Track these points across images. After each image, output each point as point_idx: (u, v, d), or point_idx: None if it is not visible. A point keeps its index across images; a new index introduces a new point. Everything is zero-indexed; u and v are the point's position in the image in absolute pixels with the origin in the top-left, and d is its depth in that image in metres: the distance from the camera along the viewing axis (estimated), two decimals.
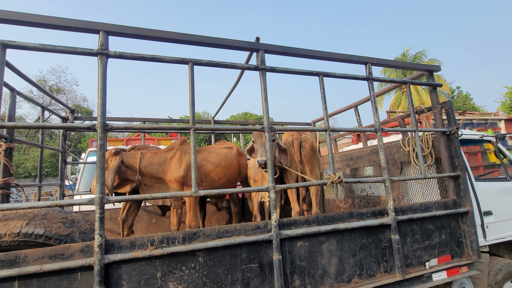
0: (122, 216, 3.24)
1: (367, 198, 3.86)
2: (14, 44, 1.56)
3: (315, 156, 3.06)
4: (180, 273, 1.68)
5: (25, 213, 1.63)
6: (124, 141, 7.95)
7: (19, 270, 1.39)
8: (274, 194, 1.92)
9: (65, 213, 1.79)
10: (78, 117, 4.01)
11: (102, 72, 1.66)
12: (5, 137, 2.28)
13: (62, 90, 27.74)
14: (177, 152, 3.04)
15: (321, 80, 2.28)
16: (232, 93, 3.49)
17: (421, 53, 21.23)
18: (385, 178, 2.29)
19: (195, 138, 1.86)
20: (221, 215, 4.41)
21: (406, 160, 3.15)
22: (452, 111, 2.73)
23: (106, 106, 1.67)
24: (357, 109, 4.03)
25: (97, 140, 1.61)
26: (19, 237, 1.53)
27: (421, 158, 2.55)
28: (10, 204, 1.46)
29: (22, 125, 1.58)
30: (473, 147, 4.17)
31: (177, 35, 1.93)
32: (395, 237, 2.19)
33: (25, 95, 2.79)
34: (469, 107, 27.02)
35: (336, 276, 2.04)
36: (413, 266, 2.30)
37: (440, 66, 2.88)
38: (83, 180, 5.36)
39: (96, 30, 1.71)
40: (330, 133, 2.27)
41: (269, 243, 1.88)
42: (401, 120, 3.35)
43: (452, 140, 2.70)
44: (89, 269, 1.51)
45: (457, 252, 2.51)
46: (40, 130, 3.62)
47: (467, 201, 2.58)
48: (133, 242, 1.62)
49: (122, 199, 1.66)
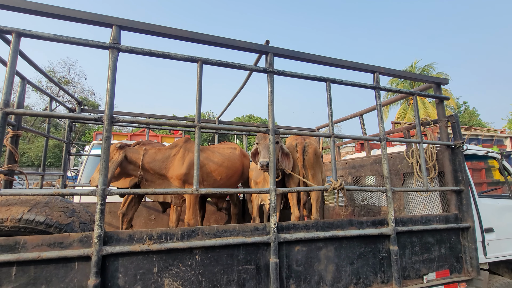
0: (122, 210, 3.25)
1: (368, 207, 3.83)
2: (29, 33, 1.58)
3: (318, 162, 3.05)
4: (176, 269, 1.68)
5: (28, 200, 1.65)
6: (128, 136, 8.00)
7: (18, 256, 1.40)
8: (275, 197, 1.92)
9: (66, 203, 1.80)
10: (85, 109, 4.04)
11: (112, 66, 1.68)
12: (12, 124, 2.31)
13: (70, 82, 28.05)
14: (180, 150, 3.05)
15: (328, 86, 2.29)
16: (237, 95, 3.51)
17: (429, 66, 21.15)
18: (387, 188, 2.27)
19: (200, 136, 1.87)
20: (220, 215, 4.41)
21: (409, 171, 3.13)
22: (458, 125, 2.72)
23: (114, 99, 1.69)
24: (362, 118, 4.02)
25: (103, 132, 1.63)
26: (20, 223, 1.55)
27: (424, 170, 2.53)
28: (14, 190, 1.47)
29: (31, 112, 1.60)
30: (477, 162, 4.13)
31: (188, 33, 1.95)
32: (394, 248, 2.17)
33: (35, 84, 2.82)
34: (475, 123, 26.81)
35: (332, 283, 2.02)
36: (410, 279, 2.27)
37: (448, 80, 2.87)
38: (85, 172, 5.40)
39: (109, 24, 1.74)
40: (334, 140, 2.27)
41: (267, 246, 1.87)
42: (406, 131, 3.34)
43: (456, 154, 2.68)
44: (87, 260, 1.51)
45: (456, 268, 2.47)
46: (47, 120, 3.66)
47: (468, 216, 2.55)
48: (131, 235, 1.63)
49: (124, 191, 1.67)
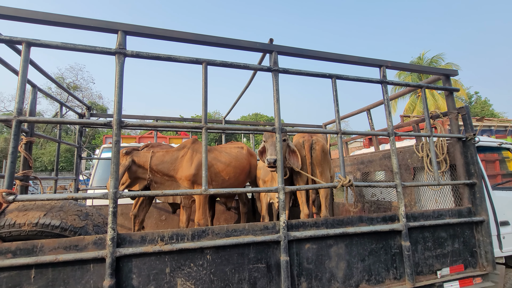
0: (134, 211, 3.32)
1: (378, 203, 3.79)
2: (38, 42, 1.62)
3: (325, 159, 3.04)
4: (188, 269, 1.70)
5: (43, 205, 1.69)
6: (136, 139, 8.13)
7: (36, 259, 1.45)
8: (283, 195, 1.92)
9: (80, 206, 1.85)
10: (94, 114, 4.12)
11: (119, 71, 1.71)
12: (25, 131, 2.38)
13: (79, 87, 28.64)
14: (188, 151, 3.08)
15: (333, 82, 2.27)
16: (243, 94, 3.51)
17: (438, 57, 20.67)
18: (397, 183, 2.25)
19: (207, 137, 1.89)
20: (229, 214, 4.44)
21: (419, 165, 3.08)
22: (469, 116, 2.66)
23: (122, 103, 1.72)
24: (369, 113, 3.97)
25: (112, 137, 1.66)
26: (37, 227, 1.60)
27: (435, 164, 2.49)
28: (30, 196, 1.52)
29: (43, 119, 1.65)
30: (490, 154, 4.03)
31: (192, 35, 1.97)
32: (406, 244, 2.15)
33: (45, 91, 2.90)
34: (487, 113, 26.11)
35: (344, 281, 2.02)
36: (423, 274, 2.25)
37: (458, 71, 2.80)
38: (96, 175, 5.51)
39: (115, 30, 1.77)
40: (342, 136, 2.25)
41: (277, 244, 1.88)
42: (415, 124, 3.28)
43: (468, 147, 2.62)
44: (101, 261, 1.55)
45: (471, 262, 2.43)
46: (58, 126, 3.75)
47: (482, 210, 2.50)
48: (143, 237, 1.66)
49: (134, 194, 1.71)
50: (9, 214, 1.60)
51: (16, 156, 1.59)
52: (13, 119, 1.55)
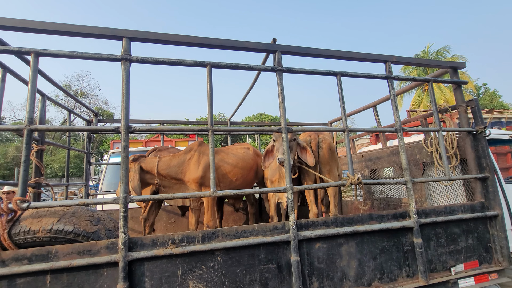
0: (144, 215, 3.35)
1: (387, 200, 3.75)
2: (46, 52, 1.66)
3: (333, 157, 3.02)
4: (200, 271, 1.71)
5: (56, 211, 1.73)
6: (143, 143, 8.20)
7: (51, 264, 1.48)
8: (292, 195, 1.92)
9: (92, 212, 1.88)
10: (101, 120, 4.18)
11: (125, 77, 1.73)
12: (36, 139, 2.43)
13: (85, 94, 29.10)
14: (195, 154, 3.10)
15: (338, 80, 2.25)
16: (247, 95, 3.52)
17: (443, 49, 20.30)
18: (406, 179, 2.22)
19: (214, 139, 1.89)
20: (238, 215, 4.45)
21: (428, 161, 3.03)
22: (478, 109, 2.61)
23: (129, 109, 1.74)
24: (375, 109, 3.93)
25: (120, 142, 1.68)
26: (51, 233, 1.63)
27: (445, 159, 2.45)
28: (43, 202, 1.56)
29: (53, 127, 1.68)
30: (502, 147, 3.94)
31: (195, 39, 1.98)
32: (418, 241, 2.12)
33: (54, 99, 2.95)
34: (497, 105, 25.54)
35: (356, 279, 2.00)
36: (437, 271, 2.21)
37: (465, 63, 2.75)
38: (105, 180, 5.59)
39: (120, 37, 1.79)
40: (348, 134, 2.23)
41: (287, 244, 1.88)
42: (423, 119, 3.23)
43: (479, 140, 2.57)
44: (114, 265, 1.57)
45: (486, 258, 2.38)
46: (67, 133, 3.82)
47: (496, 204, 2.45)
48: (154, 240, 1.67)
49: (144, 198, 1.72)
50: (23, 221, 1.64)
51: (28, 164, 1.62)
52: (25, 128, 1.58)
